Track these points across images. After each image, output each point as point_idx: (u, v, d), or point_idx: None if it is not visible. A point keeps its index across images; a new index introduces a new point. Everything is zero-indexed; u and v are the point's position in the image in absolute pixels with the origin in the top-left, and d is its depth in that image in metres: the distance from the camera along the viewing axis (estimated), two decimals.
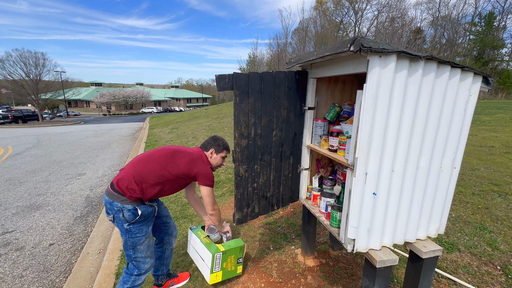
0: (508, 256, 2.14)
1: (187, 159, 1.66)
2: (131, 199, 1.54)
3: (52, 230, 3.25)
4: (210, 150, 1.78)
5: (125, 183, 1.55)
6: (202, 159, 1.71)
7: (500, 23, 32.96)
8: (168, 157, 1.64)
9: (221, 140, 1.82)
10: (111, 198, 1.55)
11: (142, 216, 1.59)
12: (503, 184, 3.47)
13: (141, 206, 1.58)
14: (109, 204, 1.55)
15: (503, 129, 7.02)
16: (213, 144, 1.80)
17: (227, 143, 1.84)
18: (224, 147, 1.83)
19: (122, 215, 1.53)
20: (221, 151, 1.82)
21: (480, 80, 1.28)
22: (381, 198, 1.25)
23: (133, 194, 1.55)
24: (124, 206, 1.53)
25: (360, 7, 36.31)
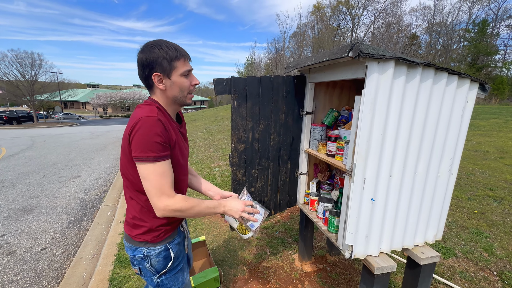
0: (505, 261, 2.15)
1: None
2: (153, 239, 1.03)
3: (45, 234, 3.18)
4: (151, 78, 0.95)
5: (136, 219, 1.03)
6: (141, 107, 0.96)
7: (494, 30, 33.65)
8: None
9: (159, 46, 0.93)
10: (131, 242, 1.05)
11: (178, 258, 1.11)
12: (498, 189, 3.50)
13: (174, 240, 1.09)
14: (131, 251, 1.05)
15: (497, 134, 7.11)
16: (149, 63, 0.92)
17: (173, 44, 0.96)
18: (174, 52, 0.94)
19: (150, 264, 1.04)
20: (172, 63, 0.94)
21: (477, 86, 1.29)
22: (379, 204, 1.24)
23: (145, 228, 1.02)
24: (150, 250, 1.03)
25: (357, 13, 36.82)
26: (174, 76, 0.96)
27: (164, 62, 0.92)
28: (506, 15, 32.93)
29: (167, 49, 0.93)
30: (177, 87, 0.98)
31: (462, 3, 33.86)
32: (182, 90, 1.00)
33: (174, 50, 0.94)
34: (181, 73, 0.97)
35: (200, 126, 12.21)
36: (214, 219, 3.21)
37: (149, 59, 0.92)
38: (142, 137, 0.87)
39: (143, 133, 0.86)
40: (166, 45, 0.94)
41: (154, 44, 0.93)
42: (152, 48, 0.92)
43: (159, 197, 0.91)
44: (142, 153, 0.87)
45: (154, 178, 0.90)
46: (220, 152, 6.62)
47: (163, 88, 0.97)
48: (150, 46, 0.93)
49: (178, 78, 0.97)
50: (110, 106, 48.28)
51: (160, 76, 0.94)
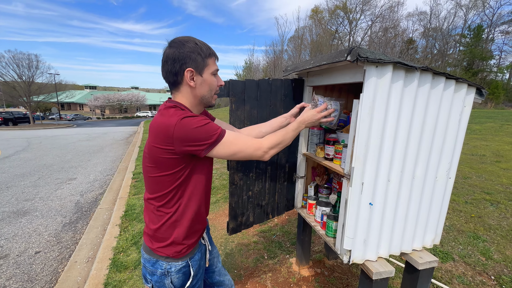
0: (502, 265, 2.15)
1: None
2: (173, 256, 0.96)
3: (39, 237, 3.13)
4: (184, 75, 0.90)
5: (160, 231, 0.96)
6: (171, 111, 0.87)
7: (489, 36, 34.17)
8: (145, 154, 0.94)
9: (192, 41, 0.90)
10: (151, 255, 0.97)
11: (197, 275, 1.04)
12: (494, 193, 3.52)
13: (194, 256, 1.03)
14: (151, 265, 0.97)
15: (493, 138, 7.18)
16: (182, 57, 0.88)
17: (204, 42, 0.94)
18: (207, 50, 0.92)
19: (170, 281, 0.97)
20: (205, 60, 0.92)
21: (474, 91, 1.29)
22: (377, 208, 1.24)
23: (164, 240, 0.96)
24: (171, 266, 0.96)
25: (355, 17, 37.22)
26: (205, 73, 0.93)
27: (199, 57, 0.90)
28: (500, 21, 33.50)
29: (201, 45, 0.91)
30: (207, 86, 0.95)
31: (457, 9, 34.40)
32: (211, 89, 0.97)
33: (207, 46, 0.93)
34: (212, 72, 0.95)
35: None
36: (211, 222, 3.19)
37: (183, 54, 0.88)
38: (196, 130, 0.83)
39: (193, 127, 0.83)
40: (199, 42, 0.92)
41: (187, 40, 0.90)
42: (186, 42, 0.89)
43: (255, 152, 0.95)
44: (208, 140, 0.86)
45: (237, 146, 0.92)
46: None
47: (193, 86, 0.92)
48: (183, 41, 0.89)
49: (209, 76, 0.95)
50: (108, 107, 48.10)
51: (192, 72, 0.90)
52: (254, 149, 0.95)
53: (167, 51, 0.89)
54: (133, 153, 8.27)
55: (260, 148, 0.96)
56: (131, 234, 2.99)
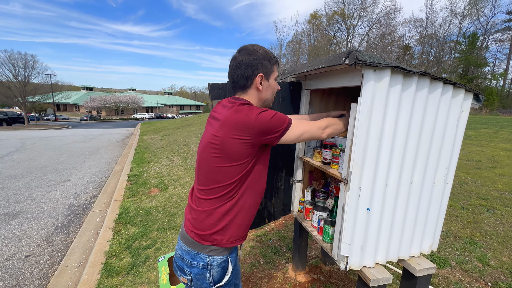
0: (499, 272, 2.14)
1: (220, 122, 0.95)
2: (220, 245, 0.98)
3: (29, 241, 3.06)
4: (254, 79, 0.99)
5: (213, 217, 0.97)
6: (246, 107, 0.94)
7: (483, 43, 34.83)
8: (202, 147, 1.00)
9: (263, 49, 1.00)
10: (192, 247, 0.98)
11: (233, 272, 1.04)
12: (490, 199, 3.53)
13: (232, 252, 1.04)
14: (190, 257, 0.98)
15: (488, 144, 7.25)
16: (255, 64, 0.97)
17: (268, 49, 1.03)
18: (274, 58, 1.04)
19: (211, 274, 0.98)
20: (272, 67, 1.03)
21: (471, 97, 1.29)
22: (375, 213, 1.22)
23: (220, 235, 0.97)
24: (214, 259, 0.97)
25: (352, 23, 37.72)
26: (271, 79, 1.05)
27: (268, 64, 1.01)
28: (494, 29, 34.22)
29: (270, 52, 1.03)
30: (271, 90, 1.07)
31: (452, 17, 35.08)
32: (273, 93, 1.10)
33: (273, 55, 1.04)
34: (275, 77, 1.06)
35: (195, 131, 12.14)
36: None
37: (256, 60, 0.98)
38: (272, 121, 0.92)
39: (269, 120, 0.92)
40: (267, 49, 1.03)
41: (258, 48, 1.00)
42: (258, 50, 0.99)
43: (317, 130, 1.08)
44: (282, 126, 0.95)
45: (303, 128, 1.02)
46: None
47: (261, 89, 1.02)
48: (255, 48, 1.00)
49: (273, 81, 1.06)
50: (104, 109, 47.79)
51: (262, 77, 1.00)
52: (317, 128, 1.07)
53: (240, 58, 0.99)
54: (128, 155, 8.19)
55: (320, 127, 1.08)
56: (124, 238, 2.93)
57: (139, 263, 2.44)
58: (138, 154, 8.12)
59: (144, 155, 7.87)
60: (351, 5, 37.06)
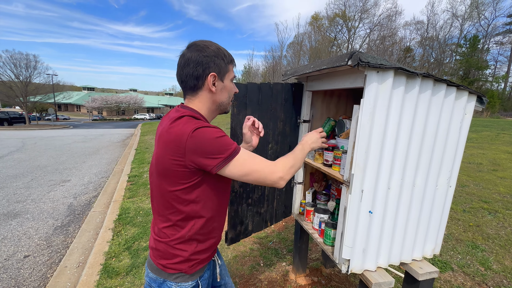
0: (501, 276, 2.11)
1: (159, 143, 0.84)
2: (185, 272, 0.90)
3: (29, 241, 3.04)
4: (206, 79, 0.86)
5: (170, 246, 0.89)
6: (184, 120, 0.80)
7: (484, 46, 34.83)
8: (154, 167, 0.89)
9: (215, 46, 0.88)
10: (158, 274, 0.91)
11: None
12: (492, 202, 3.51)
13: (204, 274, 0.96)
14: (157, 285, 0.91)
15: (490, 147, 7.22)
16: (206, 62, 0.85)
17: (221, 47, 0.91)
18: (229, 56, 0.91)
19: None
20: (227, 66, 0.90)
21: (475, 99, 1.28)
22: (377, 216, 1.20)
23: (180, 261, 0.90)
24: (181, 286, 0.90)
25: (353, 25, 37.79)
26: (226, 79, 0.91)
27: (222, 62, 0.87)
28: (495, 32, 34.22)
29: (223, 50, 0.89)
30: (226, 92, 0.93)
31: (453, 19, 35.10)
32: (230, 96, 0.95)
33: (228, 53, 0.90)
34: (231, 78, 0.93)
35: None
36: None
37: (207, 58, 0.84)
38: (209, 143, 0.76)
39: (206, 140, 0.76)
40: (220, 47, 0.89)
41: (209, 44, 0.87)
42: (209, 46, 0.86)
43: (269, 175, 0.84)
44: (222, 154, 0.77)
45: (251, 166, 0.81)
46: None
47: (214, 91, 0.88)
48: (206, 44, 0.86)
49: (229, 82, 0.93)
50: (105, 109, 47.89)
51: (215, 77, 0.87)
52: (270, 172, 0.84)
53: (188, 54, 0.85)
54: (129, 155, 8.19)
55: (275, 171, 0.85)
56: (124, 238, 2.92)
57: (139, 264, 2.42)
58: (139, 154, 8.11)
59: (145, 155, 7.87)
60: (352, 7, 37.16)
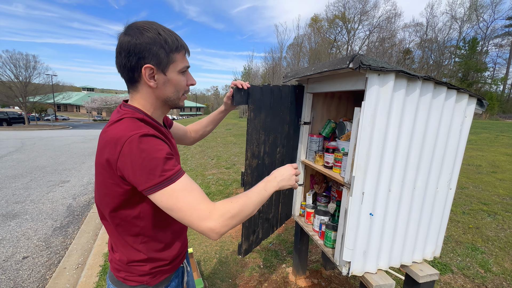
0: (501, 278, 2.12)
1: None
2: (150, 280, 0.82)
3: (28, 242, 3.03)
4: (141, 72, 0.71)
5: (124, 256, 0.80)
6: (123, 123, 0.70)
7: (483, 48, 34.98)
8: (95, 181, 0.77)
9: (154, 30, 0.70)
10: (118, 286, 0.83)
11: None
12: (491, 204, 3.51)
13: (169, 285, 0.88)
14: None
15: (489, 149, 7.24)
16: (139, 50, 0.69)
17: (172, 31, 0.75)
18: (174, 43, 0.73)
19: None
20: (170, 56, 0.73)
21: (475, 102, 1.29)
22: (378, 218, 1.21)
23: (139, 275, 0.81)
24: None
25: (353, 27, 37.91)
26: (170, 71, 0.74)
27: (161, 52, 0.70)
28: (494, 34, 34.38)
29: (165, 35, 0.71)
30: (172, 86, 0.76)
31: (452, 22, 35.24)
32: (178, 90, 0.78)
33: (174, 38, 0.73)
34: (179, 69, 0.76)
35: None
36: None
37: (140, 45, 0.68)
38: (140, 161, 0.62)
39: (139, 155, 0.62)
40: (164, 31, 0.71)
41: (148, 27, 0.69)
42: (146, 31, 0.69)
43: (201, 221, 0.64)
44: (151, 180, 0.63)
45: (181, 203, 0.64)
46: (215, 159, 6.54)
47: (153, 86, 0.73)
48: (142, 27, 0.69)
49: (175, 75, 0.76)
50: (105, 110, 47.85)
51: (153, 69, 0.71)
52: (198, 217, 0.64)
53: (121, 39, 0.70)
54: None
55: (205, 219, 0.64)
56: None
57: None
58: None
59: None
60: (352, 9, 37.29)
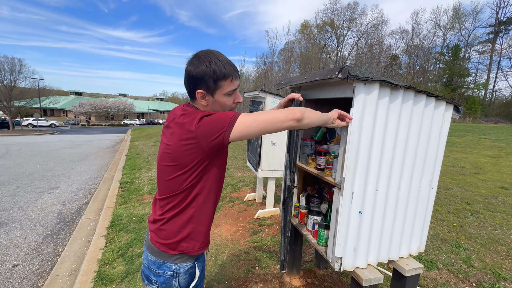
0: (482, 273, 2.25)
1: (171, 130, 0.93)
2: (187, 253, 0.98)
3: (17, 250, 2.97)
4: (195, 94, 0.95)
5: (175, 225, 0.96)
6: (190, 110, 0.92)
7: (465, 55, 36.53)
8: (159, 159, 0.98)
9: (207, 62, 0.91)
10: (158, 256, 0.97)
11: (200, 276, 1.05)
12: (474, 203, 3.70)
13: (199, 259, 1.05)
14: (156, 266, 0.97)
15: (472, 151, 7.57)
16: (195, 78, 0.92)
17: (223, 59, 0.93)
18: (222, 72, 0.92)
19: (178, 282, 0.98)
20: (218, 83, 0.93)
21: (452, 108, 1.41)
22: (366, 216, 1.29)
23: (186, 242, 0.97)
24: (180, 267, 0.97)
25: (342, 33, 38.87)
26: (217, 95, 0.95)
27: (210, 80, 0.91)
28: (475, 41, 36.01)
29: (215, 66, 0.91)
30: (219, 105, 0.98)
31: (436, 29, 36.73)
32: (224, 108, 0.99)
33: (222, 67, 0.92)
34: (225, 93, 0.96)
35: None
36: None
37: (196, 75, 0.91)
38: (215, 117, 0.86)
39: (212, 119, 0.86)
40: (216, 62, 0.91)
41: (203, 59, 0.91)
42: (201, 63, 0.91)
43: (287, 116, 0.90)
44: (225, 122, 0.85)
45: (260, 118, 0.88)
46: None
47: (204, 104, 0.97)
48: (199, 60, 0.91)
49: (222, 97, 0.96)
50: (94, 114, 46.86)
51: (203, 93, 0.94)
52: (285, 115, 0.90)
53: (186, 68, 0.94)
54: (119, 161, 8.07)
55: (293, 113, 0.91)
56: (117, 245, 2.90)
57: (133, 271, 2.42)
58: (130, 160, 8.02)
59: (136, 161, 7.78)
60: (341, 15, 38.34)
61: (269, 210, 3.55)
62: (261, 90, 3.20)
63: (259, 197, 4.05)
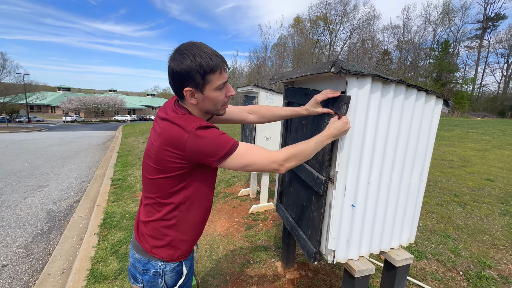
0: (469, 262, 2.33)
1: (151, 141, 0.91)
2: (166, 260, 0.95)
3: (6, 250, 2.91)
4: (182, 92, 0.87)
5: (157, 231, 0.95)
6: (185, 119, 0.86)
7: (454, 50, 37.21)
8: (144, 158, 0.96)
9: (192, 56, 0.81)
10: (143, 255, 0.95)
11: (188, 274, 1.03)
12: (461, 195, 3.82)
13: (187, 258, 1.02)
14: (142, 265, 0.95)
15: (460, 144, 7.78)
16: (180, 76, 0.83)
17: (209, 51, 0.83)
18: (209, 65, 0.82)
19: (163, 281, 0.96)
20: (206, 77, 0.84)
21: (441, 102, 1.43)
22: (358, 209, 1.32)
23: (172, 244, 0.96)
24: (166, 265, 0.95)
25: (334, 28, 38.90)
26: (207, 90, 0.87)
27: (197, 76, 0.82)
28: (464, 37, 36.70)
29: (200, 59, 0.81)
30: (210, 102, 0.90)
31: (427, 24, 37.19)
32: (216, 104, 0.92)
33: (208, 59, 0.82)
34: (215, 87, 0.87)
35: None
36: None
37: (180, 71, 0.82)
38: (209, 141, 0.82)
39: (206, 139, 0.82)
40: (201, 54, 0.81)
41: (186, 53, 0.81)
42: (184, 58, 0.81)
43: (269, 165, 0.90)
44: (220, 151, 0.83)
45: (249, 158, 0.87)
46: None
47: (194, 103, 0.89)
48: (182, 54, 0.81)
49: (212, 92, 0.88)
50: (83, 110, 45.76)
51: (192, 91, 0.85)
52: (269, 162, 0.90)
53: (169, 65, 0.85)
54: (111, 158, 7.94)
55: (275, 161, 0.91)
56: (110, 243, 2.87)
57: (127, 268, 2.40)
58: (121, 157, 7.89)
59: (128, 158, 7.67)
60: (333, 10, 38.31)
61: (263, 205, 3.58)
62: (254, 85, 3.18)
63: (253, 192, 4.07)
